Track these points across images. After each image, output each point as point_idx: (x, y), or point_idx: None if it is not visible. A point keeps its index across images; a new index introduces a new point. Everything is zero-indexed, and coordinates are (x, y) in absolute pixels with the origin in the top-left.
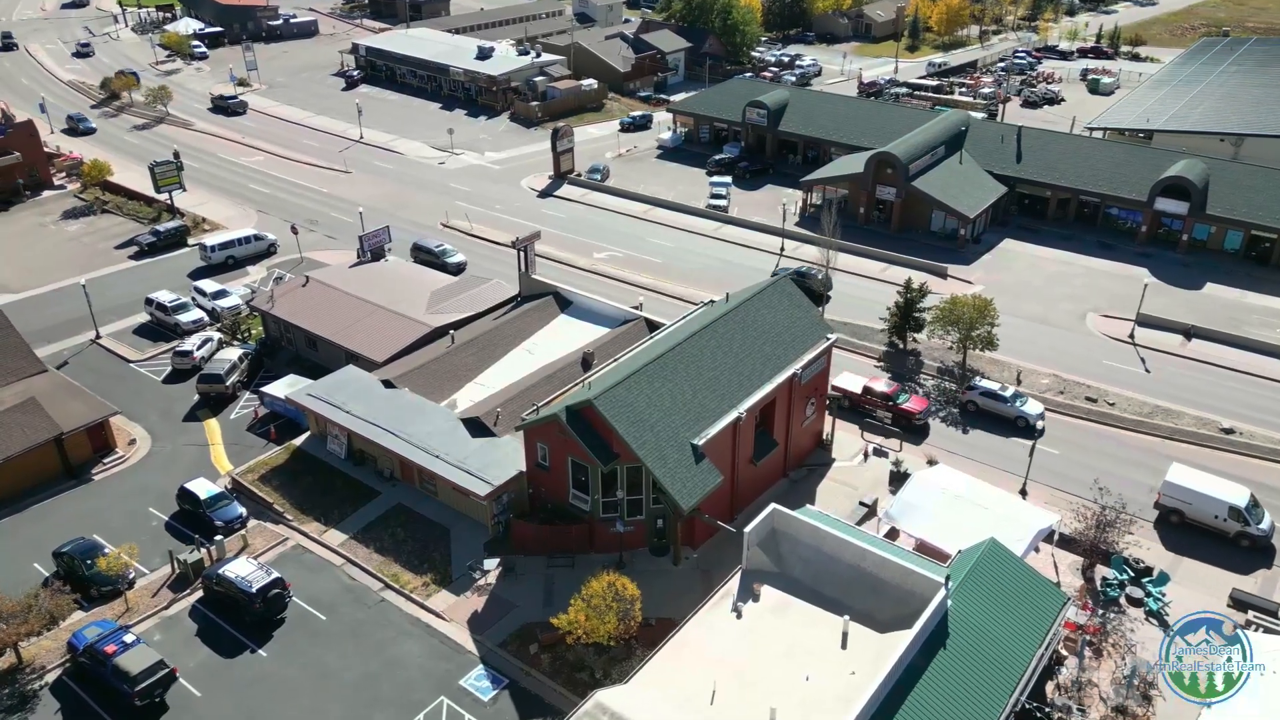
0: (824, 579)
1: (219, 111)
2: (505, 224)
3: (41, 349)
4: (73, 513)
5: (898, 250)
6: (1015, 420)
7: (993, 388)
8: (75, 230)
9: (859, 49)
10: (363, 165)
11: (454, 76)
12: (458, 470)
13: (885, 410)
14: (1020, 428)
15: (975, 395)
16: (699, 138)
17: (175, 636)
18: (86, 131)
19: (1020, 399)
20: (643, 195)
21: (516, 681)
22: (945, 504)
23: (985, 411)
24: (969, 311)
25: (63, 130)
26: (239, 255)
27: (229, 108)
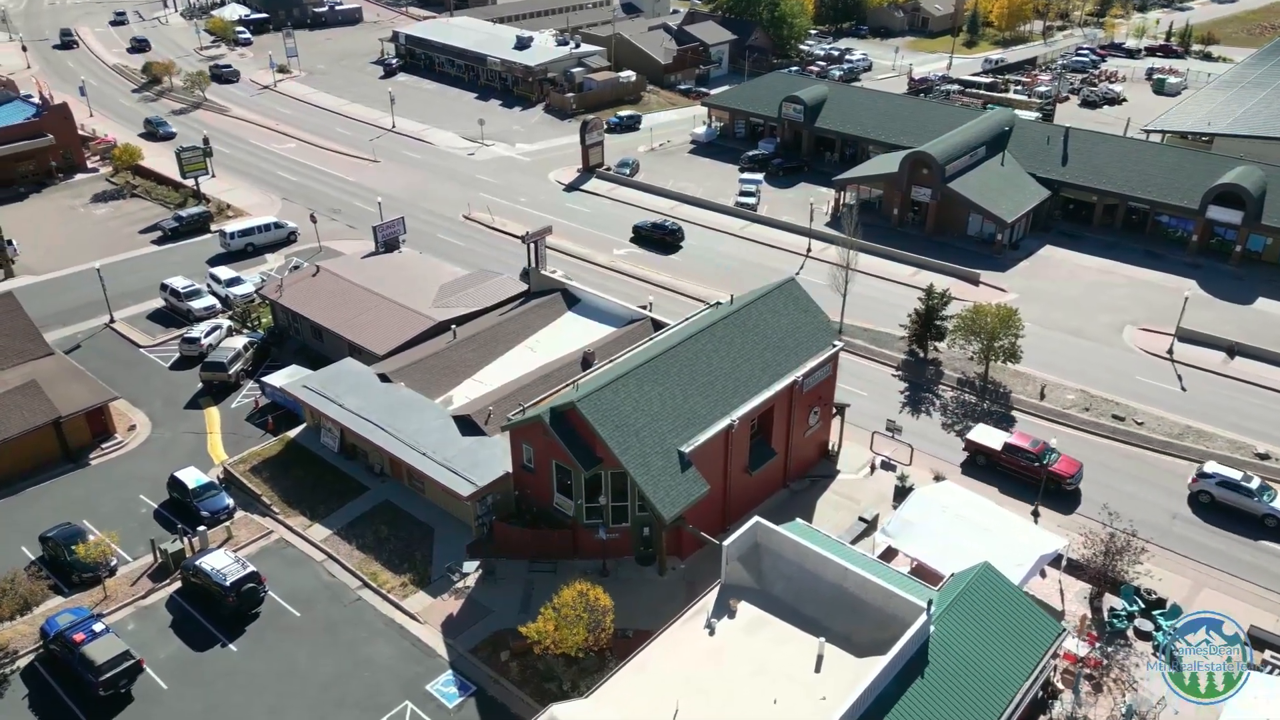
0: (804, 597)
1: (215, 80)
2: (528, 218)
3: (57, 332)
4: (66, 497)
5: (930, 254)
6: (1263, 518)
7: (1233, 476)
8: (103, 214)
9: (914, 44)
10: (392, 154)
11: (491, 66)
12: (443, 469)
13: (1031, 472)
14: (1270, 527)
15: (1210, 485)
16: (734, 133)
17: (149, 626)
18: (166, 136)
19: (1269, 492)
20: (670, 191)
21: (484, 689)
22: (945, 523)
23: (1222, 505)
24: (992, 321)
25: (140, 135)
26: (258, 243)
27: (223, 75)
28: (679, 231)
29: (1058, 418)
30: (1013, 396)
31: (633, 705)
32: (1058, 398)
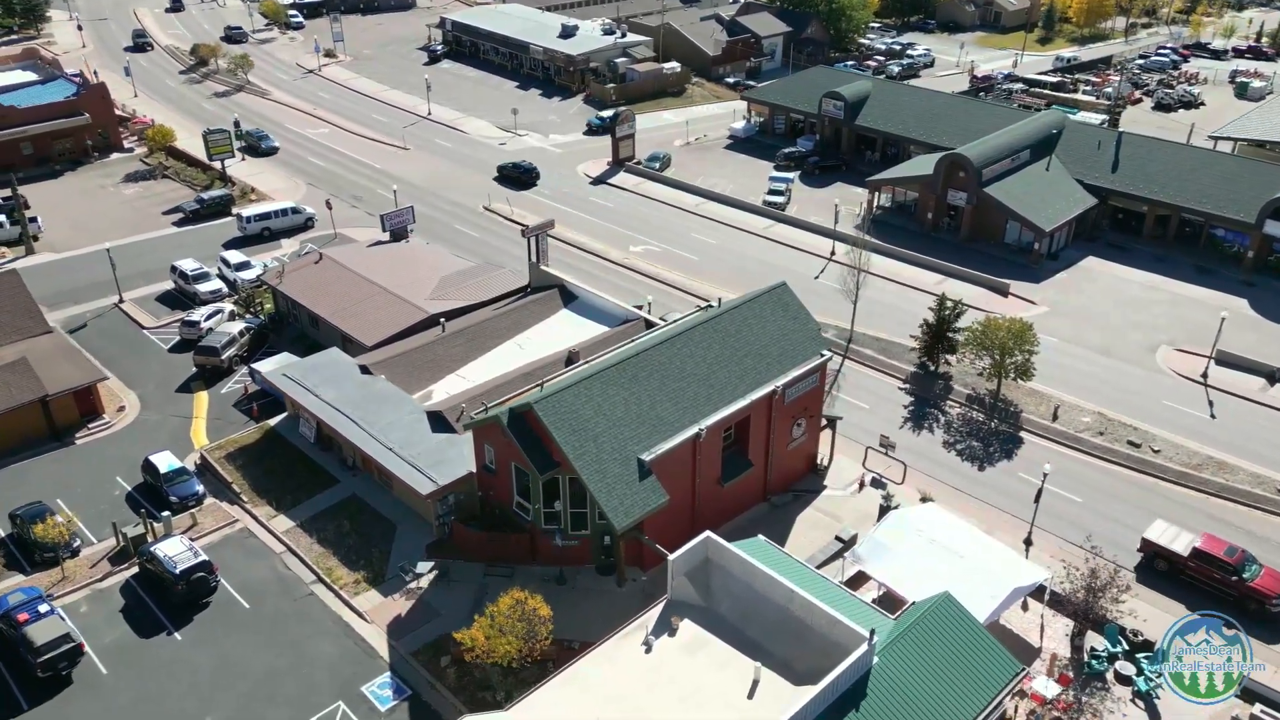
0: (750, 618)
1: (227, 40)
2: (548, 210)
3: (67, 310)
4: (46, 475)
5: (961, 261)
6: None
7: None
8: (131, 194)
9: (983, 40)
10: (423, 142)
11: (533, 55)
12: (406, 464)
13: (1225, 586)
14: None
15: None
16: (773, 128)
17: (101, 610)
18: (269, 151)
19: None
20: (697, 187)
21: (420, 694)
22: (919, 548)
23: None
24: (1003, 335)
25: (240, 148)
26: (275, 227)
27: (233, 37)
28: (534, 170)
29: (1068, 441)
30: (1023, 416)
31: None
32: (1071, 419)
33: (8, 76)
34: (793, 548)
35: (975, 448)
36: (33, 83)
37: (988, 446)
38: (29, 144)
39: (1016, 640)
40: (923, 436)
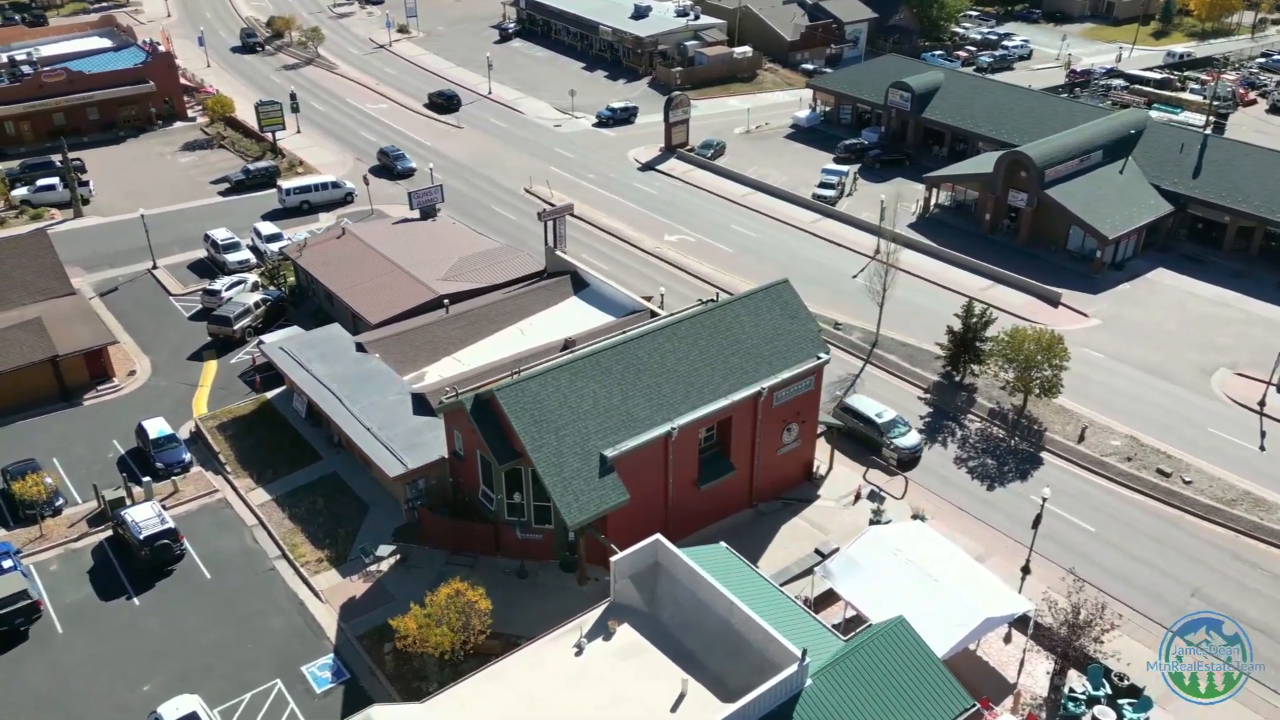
0: (690, 629)
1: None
2: (590, 195)
3: (103, 273)
4: (48, 433)
5: (1017, 267)
6: None
7: None
8: (186, 162)
9: (1091, 32)
10: (477, 121)
11: (602, 35)
12: (379, 445)
13: None
14: None
15: None
16: (838, 119)
17: (69, 570)
18: (405, 173)
19: None
20: (746, 177)
21: (358, 679)
22: (892, 567)
23: None
24: (1030, 348)
25: (371, 168)
26: (314, 201)
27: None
28: (456, 98)
29: (1091, 465)
30: (1046, 436)
31: (463, 718)
32: (1099, 442)
33: (84, 43)
34: (769, 559)
35: (988, 466)
36: (106, 50)
37: (1002, 465)
38: (95, 109)
39: (991, 674)
40: (933, 450)
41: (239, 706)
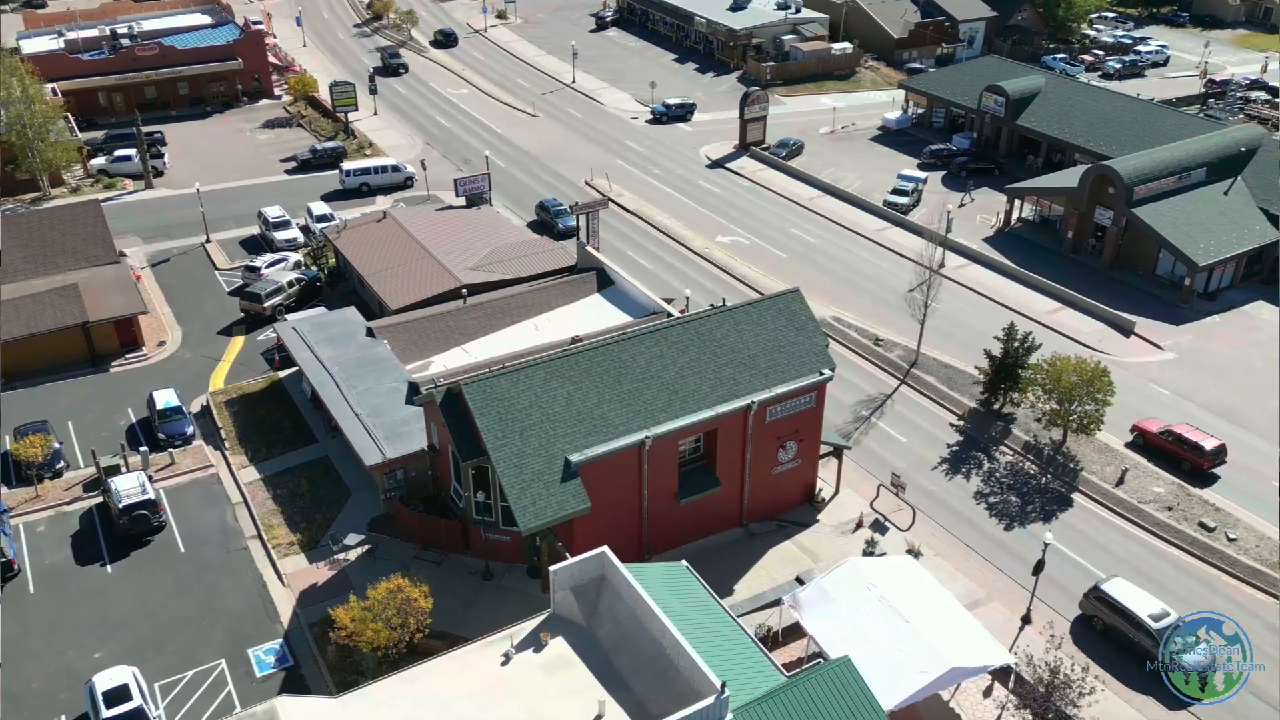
0: (623, 649)
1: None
2: (651, 190)
3: (160, 244)
4: (70, 397)
5: (1094, 290)
6: None
7: None
8: (263, 140)
9: (1243, 39)
10: (554, 110)
11: (697, 26)
12: (363, 432)
13: None
14: None
15: None
16: (930, 122)
17: (55, 532)
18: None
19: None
20: (818, 180)
21: (300, 667)
22: (863, 604)
23: None
24: (1067, 379)
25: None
26: (373, 183)
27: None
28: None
29: (1127, 513)
30: (1082, 475)
31: (371, 718)
32: (1140, 487)
33: (184, 19)
34: (748, 582)
35: (1010, 504)
36: (204, 26)
37: (1026, 504)
38: (185, 84)
39: None
40: (954, 482)
41: (179, 683)
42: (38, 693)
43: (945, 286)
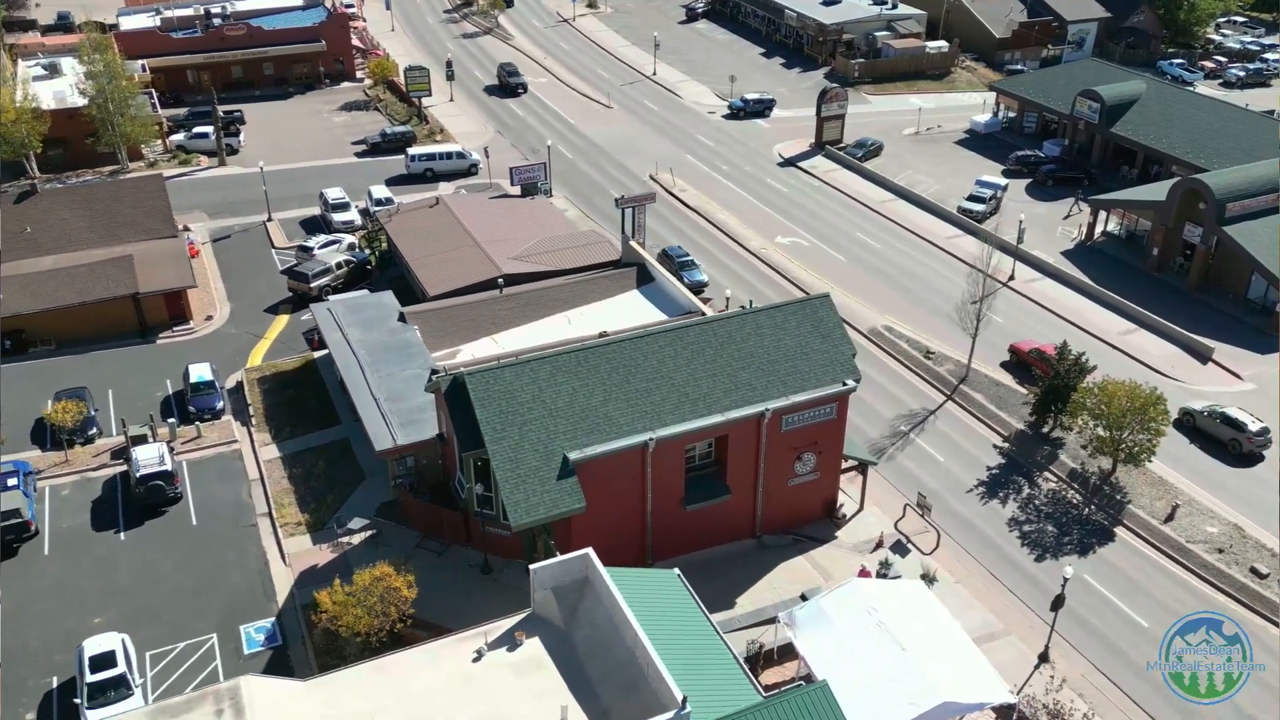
0: (596, 655)
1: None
2: (715, 187)
3: (224, 220)
4: (114, 365)
5: (1173, 313)
6: None
7: None
8: (339, 121)
9: None
10: (630, 103)
11: (787, 20)
12: (377, 416)
13: None
14: None
15: None
16: (1021, 127)
17: (78, 496)
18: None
19: None
20: (892, 183)
21: (288, 647)
22: (860, 628)
23: None
24: (1117, 405)
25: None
26: (438, 169)
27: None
28: None
29: (1173, 551)
30: (1128, 509)
31: (333, 704)
32: (1191, 525)
33: None
34: (751, 595)
35: (1045, 534)
36: (294, 8)
37: (1063, 536)
38: (270, 64)
39: None
40: (988, 507)
41: (169, 654)
42: (34, 652)
43: (1011, 300)
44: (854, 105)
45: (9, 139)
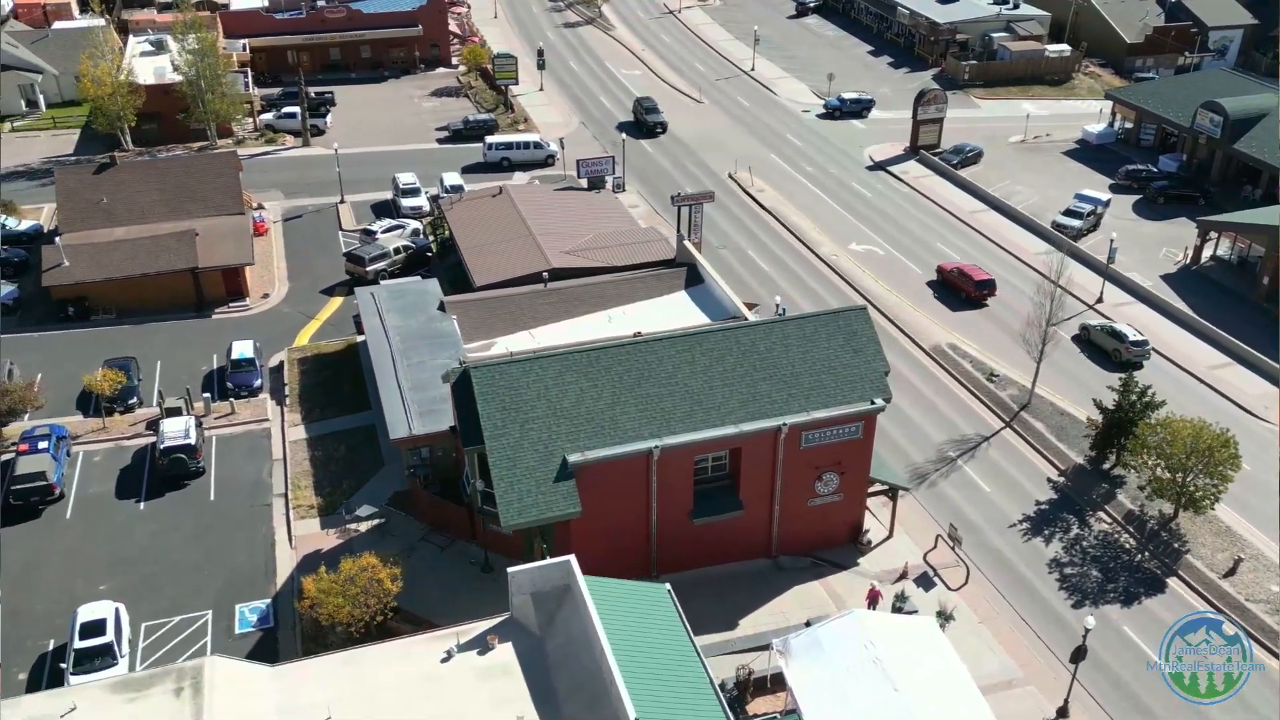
0: (564, 667)
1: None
2: (796, 189)
3: (299, 199)
4: (168, 338)
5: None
6: None
7: None
8: (428, 107)
9: None
10: (722, 98)
11: (899, 18)
12: (397, 404)
13: None
14: None
15: None
16: (1138, 139)
17: (108, 463)
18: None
19: None
20: (985, 192)
21: (278, 630)
22: (854, 663)
23: None
24: (1186, 444)
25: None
26: (514, 159)
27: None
28: None
29: (1228, 609)
30: (1185, 559)
31: (293, 692)
32: (1254, 583)
33: None
34: (754, 618)
35: (1089, 579)
36: None
37: (1108, 582)
38: (368, 48)
39: None
40: (1030, 545)
41: (163, 626)
42: (37, 614)
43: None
44: (961, 109)
45: (105, 111)
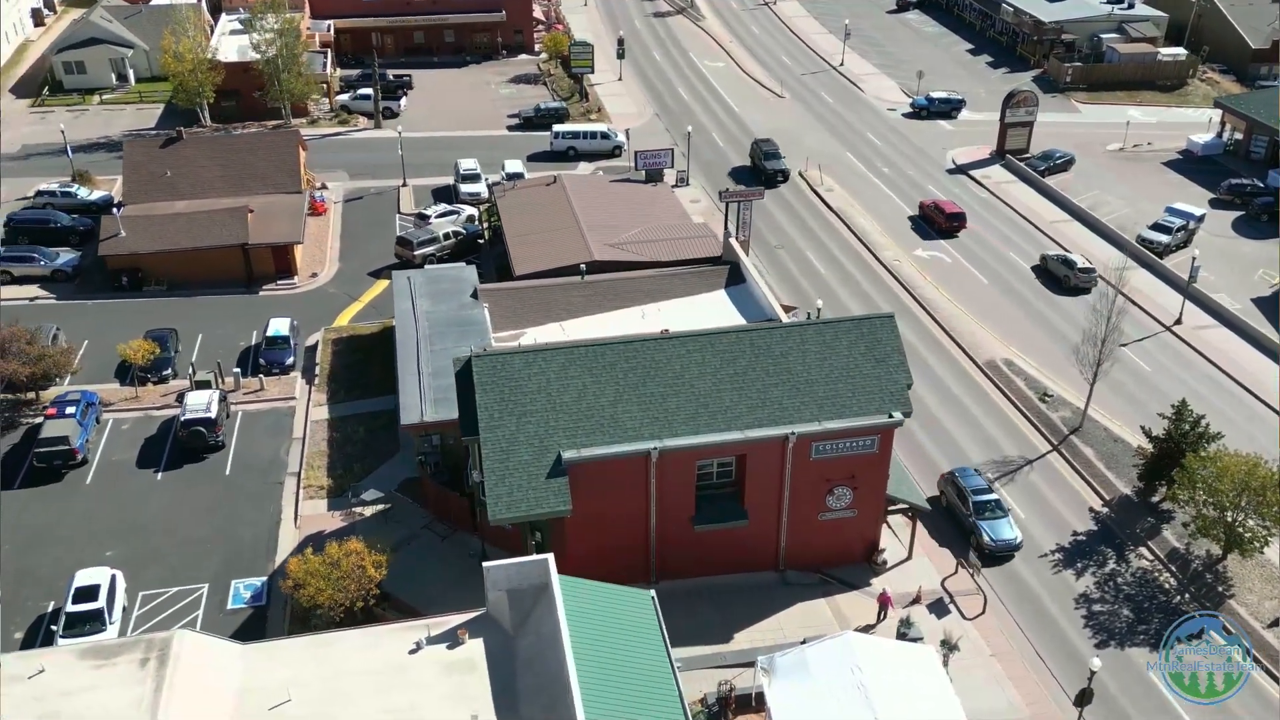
0: (530, 668)
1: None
2: (868, 190)
3: (363, 181)
4: (213, 312)
5: None
6: None
7: None
8: (505, 94)
9: None
10: (805, 93)
11: (1003, 15)
12: (412, 389)
13: None
14: None
15: None
16: (1248, 151)
17: (135, 431)
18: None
19: None
20: (1070, 202)
21: (268, 608)
22: (839, 686)
23: None
24: (1240, 481)
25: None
26: (580, 148)
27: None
28: None
29: (1266, 661)
30: (1228, 604)
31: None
32: None
33: None
34: (749, 634)
35: (1118, 619)
36: None
37: (1138, 623)
38: (451, 32)
39: None
40: (1059, 577)
41: (159, 596)
42: (41, 577)
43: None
44: (1058, 113)
45: (185, 87)
